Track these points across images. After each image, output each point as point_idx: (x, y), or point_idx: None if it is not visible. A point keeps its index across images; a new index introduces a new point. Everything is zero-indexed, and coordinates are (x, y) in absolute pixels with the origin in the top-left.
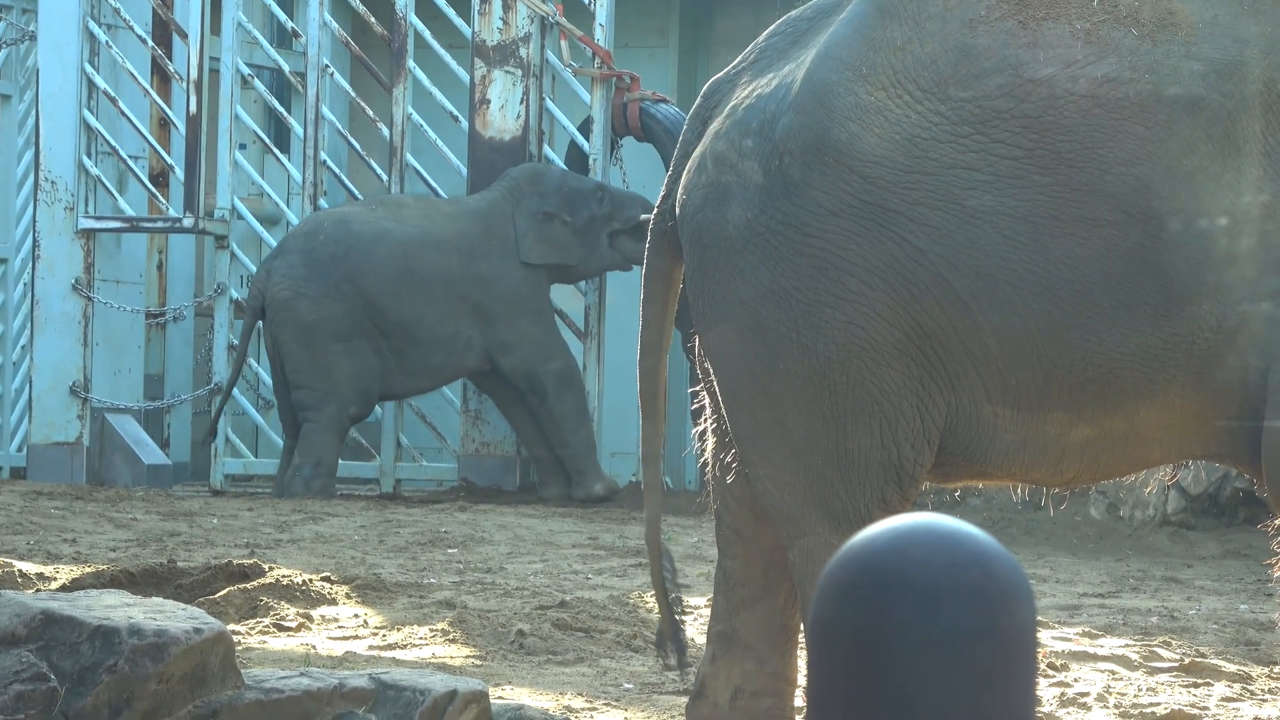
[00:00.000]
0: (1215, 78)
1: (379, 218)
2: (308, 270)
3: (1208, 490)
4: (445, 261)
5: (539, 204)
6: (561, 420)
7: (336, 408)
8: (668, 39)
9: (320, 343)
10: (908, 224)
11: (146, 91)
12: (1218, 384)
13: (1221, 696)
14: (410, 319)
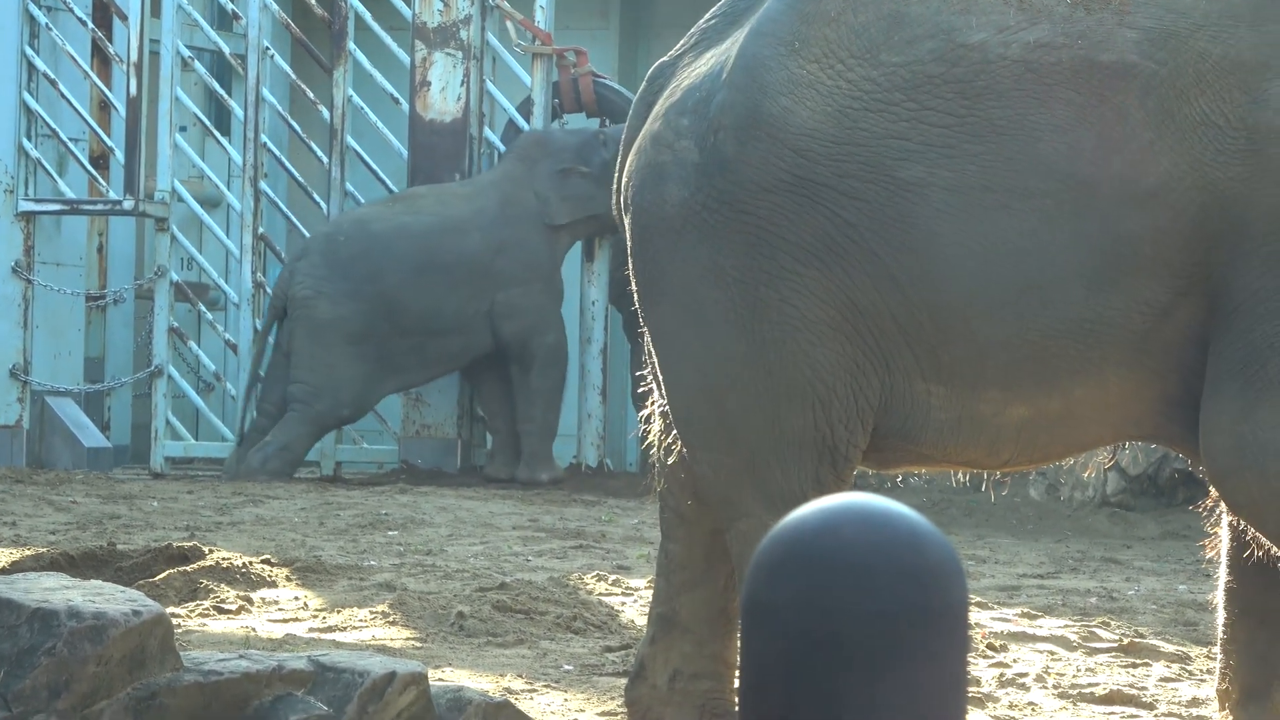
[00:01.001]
0: (1149, 45)
1: (396, 214)
2: (329, 270)
3: (1147, 471)
4: (466, 243)
5: (554, 163)
6: (537, 395)
7: (327, 406)
8: (609, 21)
9: (331, 342)
10: (839, 198)
11: (86, 74)
12: (1155, 362)
13: (1160, 677)
14: (430, 310)
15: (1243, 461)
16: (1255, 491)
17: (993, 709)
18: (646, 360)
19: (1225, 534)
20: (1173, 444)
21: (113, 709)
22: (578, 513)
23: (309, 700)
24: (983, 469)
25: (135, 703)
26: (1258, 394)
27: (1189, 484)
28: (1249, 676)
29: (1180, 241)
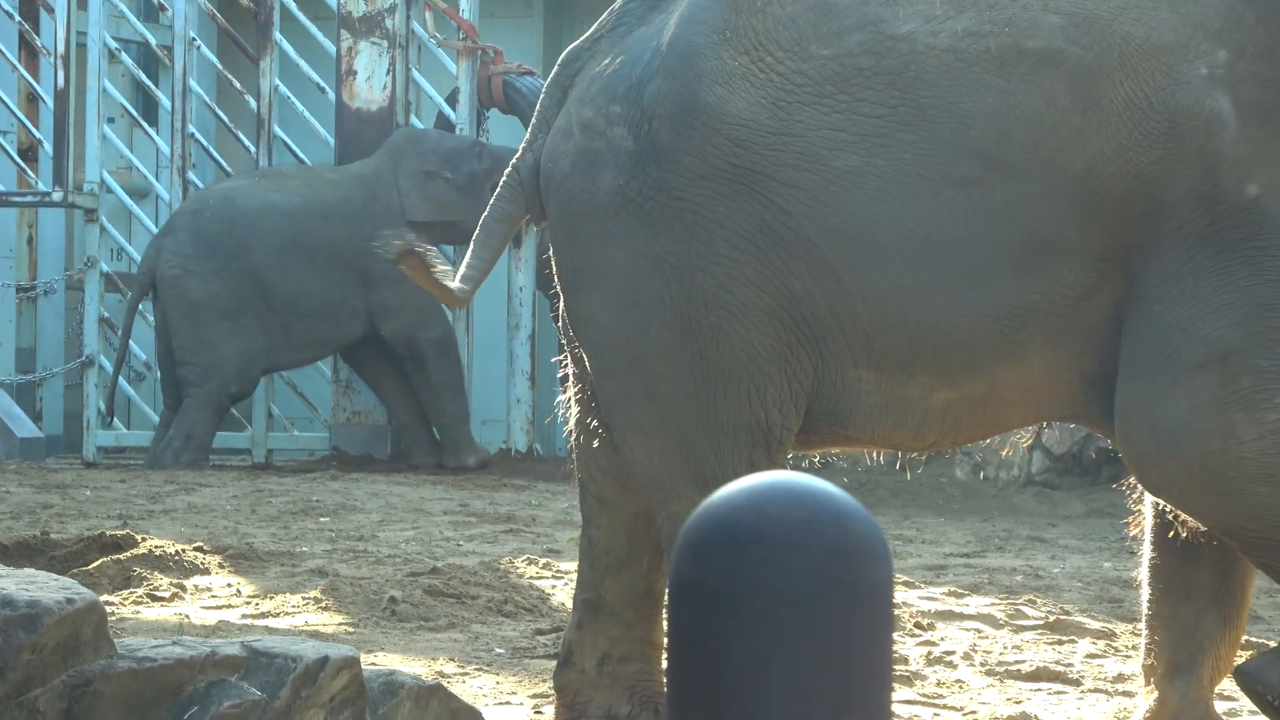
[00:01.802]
0: (1074, 30)
1: (264, 190)
2: (196, 248)
3: (1071, 450)
4: (330, 230)
5: (419, 163)
6: (439, 388)
7: (217, 385)
8: (533, 9)
9: (207, 320)
10: (775, 186)
11: (14, 67)
12: (1075, 344)
13: (1086, 653)
14: (297, 291)
15: (1160, 445)
16: (1174, 474)
17: (920, 687)
18: (566, 346)
19: (1148, 511)
20: (1093, 424)
21: (47, 696)
22: (508, 497)
23: (242, 686)
24: (908, 450)
25: (69, 690)
26: (1172, 378)
27: (1113, 463)
28: (1174, 652)
29: (1103, 225)
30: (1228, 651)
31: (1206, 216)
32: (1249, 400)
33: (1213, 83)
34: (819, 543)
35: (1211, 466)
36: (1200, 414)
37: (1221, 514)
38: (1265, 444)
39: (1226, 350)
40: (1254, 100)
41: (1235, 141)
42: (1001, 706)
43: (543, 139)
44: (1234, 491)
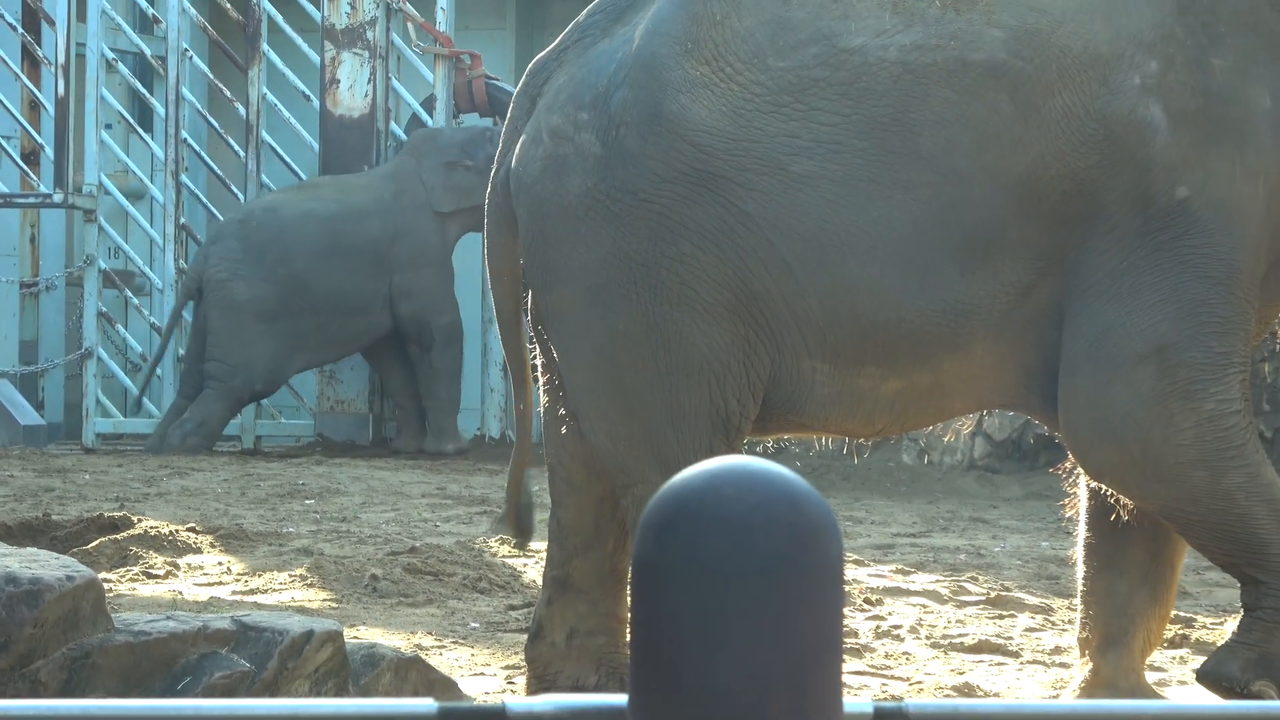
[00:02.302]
0: (1015, 44)
1: (302, 200)
2: (244, 254)
3: (1011, 437)
4: (365, 228)
5: (440, 156)
6: (438, 373)
7: (242, 382)
8: (505, 21)
9: (246, 322)
10: (736, 189)
11: (17, 76)
12: (1016, 337)
13: (1025, 627)
14: (335, 290)
15: (1102, 435)
16: (1116, 462)
17: (869, 659)
18: (536, 339)
19: (1083, 494)
20: (1031, 411)
21: (49, 668)
22: (482, 481)
23: (232, 658)
24: (858, 437)
25: (70, 662)
26: (1112, 371)
27: (1050, 448)
28: (1107, 625)
29: (1043, 226)
30: (1158, 625)
31: (1140, 217)
32: (1185, 391)
33: (1145, 92)
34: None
35: (1152, 454)
36: (1140, 405)
37: (1161, 498)
38: (1201, 432)
39: (1163, 344)
40: (1183, 108)
41: (1166, 147)
42: (945, 677)
43: (512, 148)
44: (1173, 477)
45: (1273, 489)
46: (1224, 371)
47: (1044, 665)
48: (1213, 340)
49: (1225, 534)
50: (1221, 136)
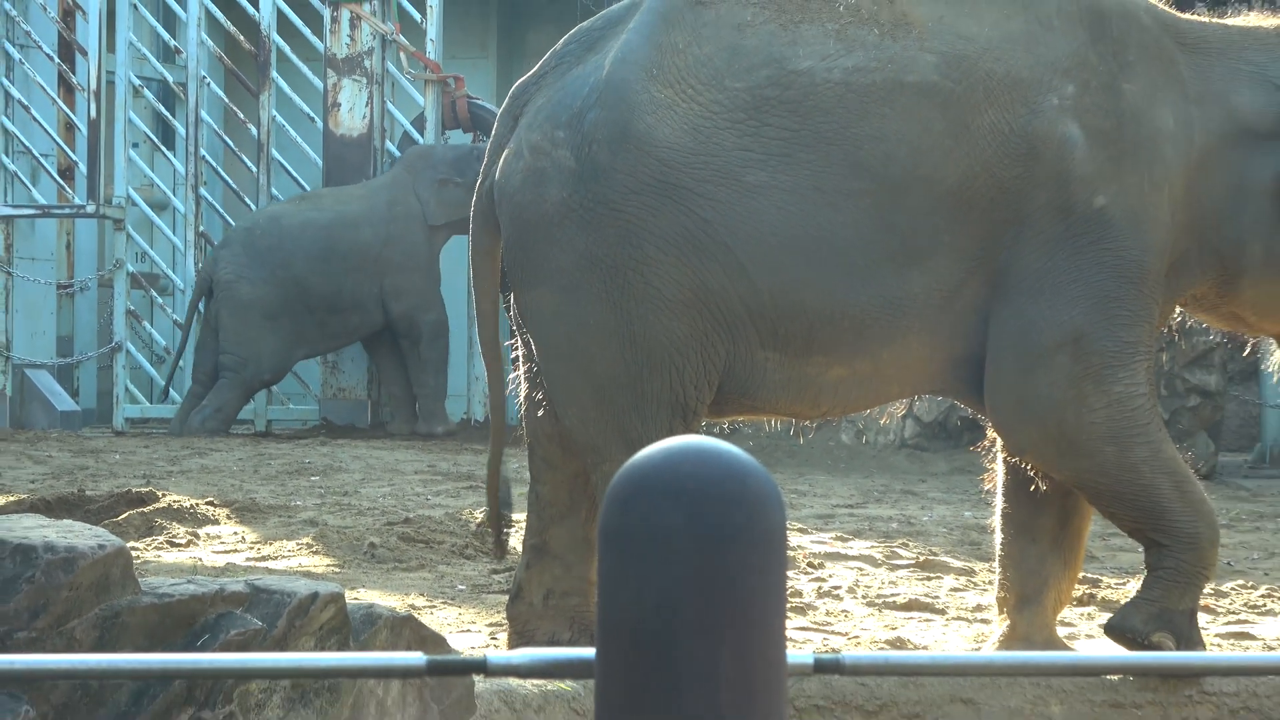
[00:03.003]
0: (946, 67)
1: (303, 210)
2: (249, 258)
3: (938, 418)
4: (359, 235)
5: (433, 174)
6: (426, 364)
7: (252, 373)
8: (488, 51)
9: (252, 319)
10: (696, 199)
11: (54, 100)
12: (946, 330)
13: (950, 587)
14: (332, 291)
15: (1024, 415)
16: (1036, 439)
17: (812, 616)
18: (516, 333)
19: (1001, 469)
20: (958, 396)
21: (82, 626)
22: (468, 459)
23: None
24: (803, 419)
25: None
26: (1034, 358)
27: (972, 429)
28: (1023, 586)
29: (972, 231)
30: (1067, 585)
31: (1061, 224)
32: (1098, 375)
33: (1063, 111)
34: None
35: (1067, 431)
36: (1057, 387)
37: (1076, 471)
38: (1111, 411)
39: (1078, 334)
40: (1098, 127)
41: (1083, 161)
42: (879, 632)
43: (496, 163)
44: (1086, 452)
45: (1174, 463)
46: (1132, 359)
47: (967, 621)
48: (1122, 331)
49: (1131, 502)
50: (1132, 152)
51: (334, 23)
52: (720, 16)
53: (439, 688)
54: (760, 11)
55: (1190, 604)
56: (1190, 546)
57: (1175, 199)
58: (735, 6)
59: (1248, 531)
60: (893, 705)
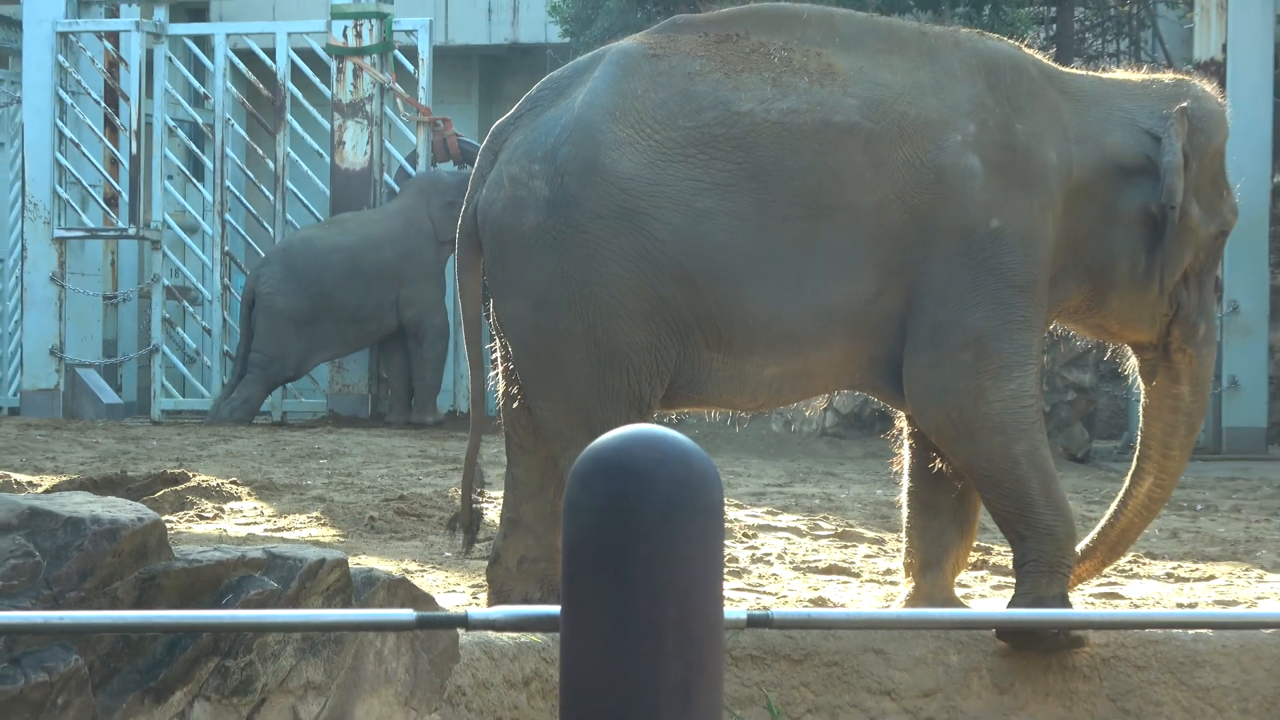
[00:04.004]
0: (866, 109)
1: (332, 234)
2: (285, 275)
3: (854, 410)
4: (381, 255)
5: (443, 197)
6: (427, 362)
7: (276, 370)
8: (470, 97)
9: (283, 326)
10: (653, 223)
11: (100, 139)
12: (866, 334)
13: (864, 554)
14: (355, 304)
15: (933, 402)
16: (941, 421)
17: (746, 579)
18: (496, 337)
19: (907, 454)
20: (874, 392)
21: (124, 587)
22: (455, 445)
23: (264, 579)
24: (741, 410)
25: (140, 583)
26: (941, 357)
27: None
28: (925, 553)
29: (888, 248)
30: (963, 553)
31: (963, 242)
32: (995, 372)
33: (965, 147)
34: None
35: (965, 418)
36: (960, 381)
37: (967, 454)
38: (1004, 405)
39: (979, 336)
40: (995, 160)
41: (982, 189)
42: (804, 592)
43: (479, 191)
44: (978, 438)
45: (1047, 463)
46: (1026, 361)
47: (878, 583)
48: (1018, 334)
49: (1006, 491)
50: (1023, 182)
51: (339, 73)
52: (673, 66)
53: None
54: (707, 62)
55: (1059, 590)
56: (1048, 538)
57: (1057, 223)
58: (685, 58)
59: None
60: (815, 655)
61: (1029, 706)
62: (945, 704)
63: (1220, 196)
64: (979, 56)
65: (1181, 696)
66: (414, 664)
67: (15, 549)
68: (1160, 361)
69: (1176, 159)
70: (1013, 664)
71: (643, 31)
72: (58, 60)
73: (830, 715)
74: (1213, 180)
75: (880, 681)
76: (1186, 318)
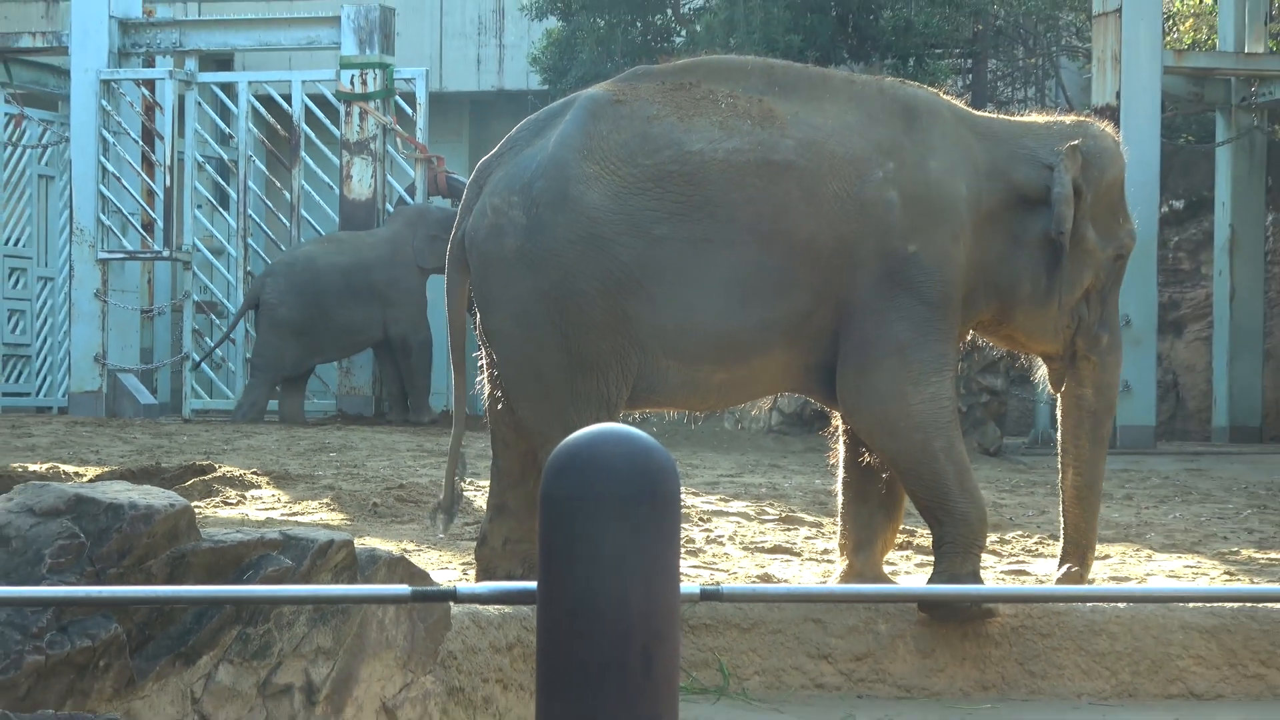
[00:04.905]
0: (801, 149)
1: (330, 252)
2: (288, 286)
3: (796, 410)
4: (371, 277)
5: (427, 230)
6: (415, 371)
7: (274, 373)
8: (462, 137)
9: (283, 334)
10: (616, 247)
11: (139, 173)
12: (802, 345)
13: (805, 536)
14: (348, 318)
15: (861, 404)
16: (869, 420)
17: (701, 558)
18: (482, 346)
19: (841, 448)
20: (811, 395)
21: (158, 565)
22: (446, 440)
23: (280, 558)
24: (695, 411)
25: (172, 561)
26: (868, 365)
27: (822, 418)
28: (858, 535)
29: (820, 271)
30: (891, 535)
31: (885, 265)
32: (915, 378)
33: (886, 181)
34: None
35: (890, 418)
36: (885, 385)
37: (891, 450)
38: (923, 406)
39: (902, 346)
40: (913, 193)
41: (900, 218)
42: (752, 569)
43: (466, 219)
44: (900, 436)
45: (962, 457)
46: (942, 367)
47: (817, 561)
48: (935, 345)
49: (925, 482)
50: (937, 212)
51: (348, 116)
52: (634, 111)
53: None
54: (663, 108)
55: (972, 568)
56: (962, 523)
57: (968, 247)
58: (644, 104)
59: (1024, 495)
60: (761, 624)
61: (948, 669)
62: (875, 667)
63: (1117, 223)
64: (899, 101)
65: (1081, 660)
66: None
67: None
68: (1069, 368)
69: (1064, 190)
70: (934, 632)
71: (609, 80)
72: (101, 104)
73: (775, 676)
74: (1110, 209)
75: (819, 647)
76: (1088, 330)
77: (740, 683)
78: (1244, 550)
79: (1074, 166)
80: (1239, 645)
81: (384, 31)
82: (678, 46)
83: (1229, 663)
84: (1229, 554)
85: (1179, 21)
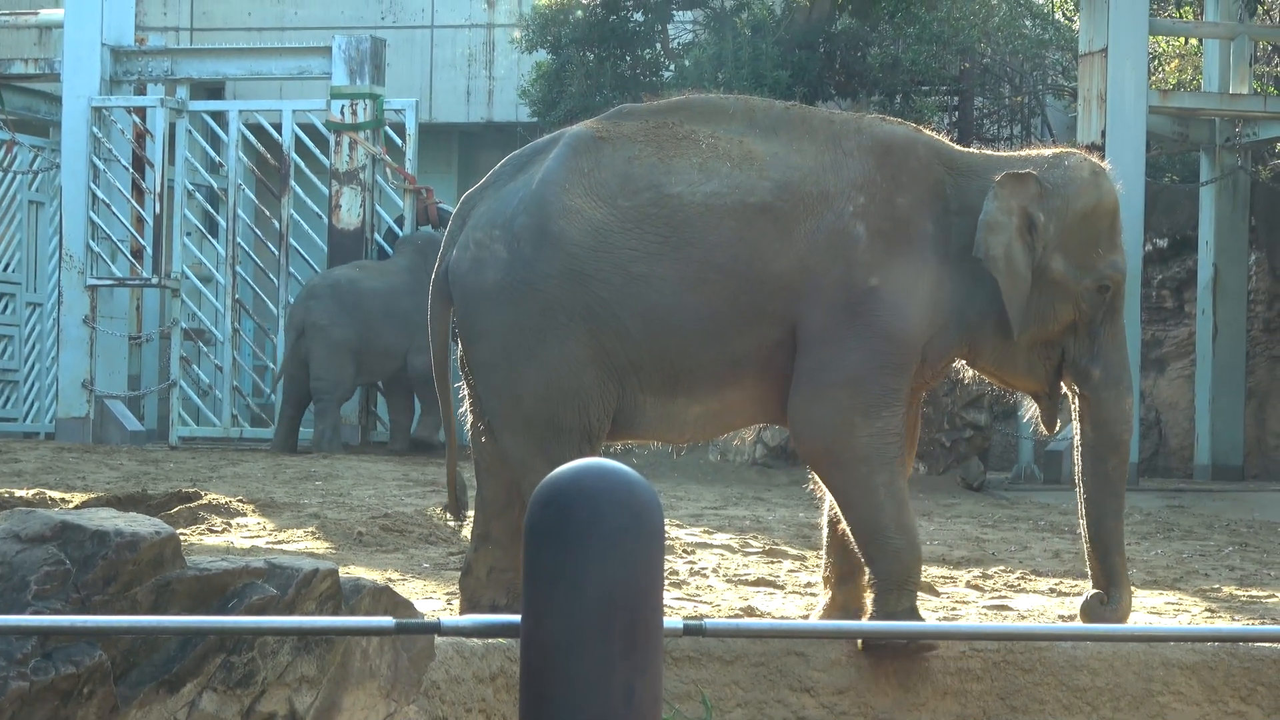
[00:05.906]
0: (779, 191)
1: (366, 277)
2: (337, 308)
3: (781, 443)
4: (402, 304)
5: None
6: (431, 402)
7: (341, 394)
8: (451, 169)
9: (341, 355)
10: (596, 283)
11: (128, 199)
12: (772, 376)
13: (789, 569)
14: (386, 341)
15: (810, 433)
16: (816, 449)
17: (685, 589)
18: (465, 378)
19: None
20: (784, 424)
21: (143, 592)
22: (433, 470)
23: (265, 586)
24: (675, 443)
25: (157, 588)
26: (817, 392)
27: None
28: (840, 567)
29: (787, 304)
30: None
31: (846, 296)
32: (865, 410)
33: (855, 216)
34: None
35: (836, 448)
36: (834, 415)
37: (835, 481)
38: (870, 439)
39: (854, 378)
40: (878, 228)
41: (864, 251)
42: (736, 602)
43: (450, 252)
44: (845, 466)
45: (902, 493)
46: (893, 402)
47: (801, 594)
48: (887, 378)
49: (863, 517)
50: (901, 248)
51: (337, 145)
52: (615, 150)
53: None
54: (644, 147)
55: (908, 604)
56: (894, 559)
57: (933, 284)
58: (626, 143)
59: (1007, 530)
60: (744, 657)
61: (930, 703)
62: (857, 700)
63: (1096, 253)
64: (875, 139)
65: (1062, 695)
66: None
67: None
68: (1073, 404)
69: (989, 217)
70: (916, 666)
71: (595, 117)
72: (92, 131)
73: (757, 709)
74: (1086, 238)
75: (801, 680)
76: (1075, 364)
77: (722, 715)
78: (1225, 587)
79: (1014, 194)
80: (1219, 682)
81: (375, 62)
82: (666, 81)
83: (1210, 699)
84: (1210, 590)
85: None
